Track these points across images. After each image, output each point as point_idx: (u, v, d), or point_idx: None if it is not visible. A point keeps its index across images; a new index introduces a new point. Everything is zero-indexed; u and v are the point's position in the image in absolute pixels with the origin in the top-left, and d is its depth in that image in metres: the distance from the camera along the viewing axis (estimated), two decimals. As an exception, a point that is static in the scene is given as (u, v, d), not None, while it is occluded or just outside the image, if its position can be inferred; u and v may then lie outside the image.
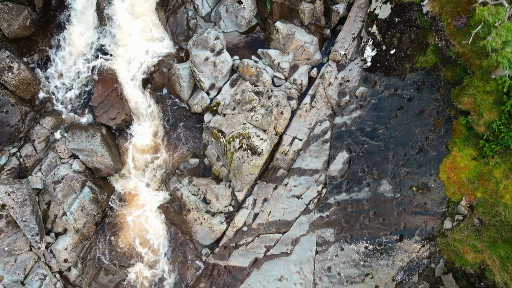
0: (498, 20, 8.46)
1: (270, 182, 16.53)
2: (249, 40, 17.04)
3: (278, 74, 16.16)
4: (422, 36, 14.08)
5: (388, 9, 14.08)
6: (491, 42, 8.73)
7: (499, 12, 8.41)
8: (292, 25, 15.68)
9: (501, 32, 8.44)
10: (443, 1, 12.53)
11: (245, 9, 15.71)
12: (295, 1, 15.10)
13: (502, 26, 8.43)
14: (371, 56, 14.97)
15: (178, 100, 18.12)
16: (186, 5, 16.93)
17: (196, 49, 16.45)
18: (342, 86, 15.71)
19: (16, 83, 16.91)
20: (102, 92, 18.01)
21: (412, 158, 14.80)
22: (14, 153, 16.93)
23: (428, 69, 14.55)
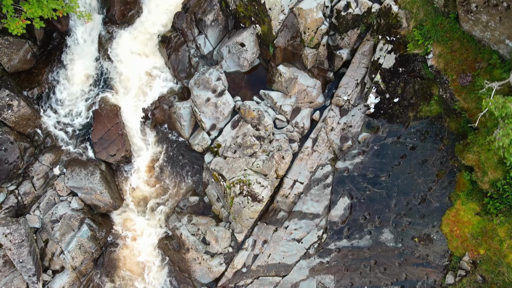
0: (504, 113, 8.29)
1: (270, 224, 16.35)
2: (251, 79, 16.87)
3: (280, 117, 15.99)
4: (426, 87, 13.91)
5: (392, 59, 13.91)
6: (499, 141, 8.57)
7: (506, 106, 8.23)
8: (295, 68, 15.52)
9: (509, 131, 8.26)
10: (448, 58, 12.36)
11: (247, 51, 15.54)
12: (298, 46, 14.93)
13: (509, 122, 8.24)
14: (374, 103, 14.80)
15: (178, 136, 17.98)
16: (188, 43, 16.77)
17: (198, 89, 16.29)
18: (344, 131, 15.53)
19: (15, 119, 16.78)
20: (102, 128, 17.86)
21: (414, 208, 14.62)
22: (12, 191, 16.76)
23: (432, 119, 14.38)
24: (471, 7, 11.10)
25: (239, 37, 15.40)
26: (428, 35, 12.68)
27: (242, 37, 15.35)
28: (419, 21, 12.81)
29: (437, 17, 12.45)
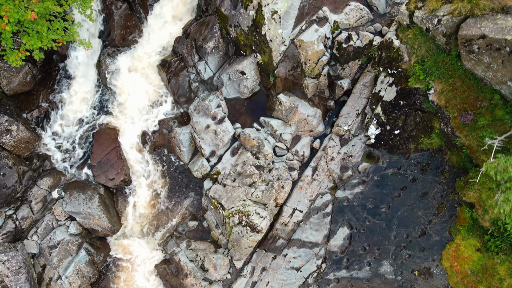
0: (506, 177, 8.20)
1: (269, 251, 16.25)
2: (251, 105, 16.77)
3: (280, 144, 15.90)
4: (427, 120, 13.81)
5: (394, 92, 13.82)
6: (499, 207, 8.48)
7: (507, 171, 8.13)
8: (295, 97, 15.43)
9: (510, 197, 8.17)
10: (449, 95, 12.26)
11: (248, 79, 15.46)
12: (299, 76, 14.85)
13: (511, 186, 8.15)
14: (375, 134, 14.70)
15: (178, 160, 17.90)
16: (188, 68, 16.69)
17: (197, 115, 16.21)
18: (344, 161, 15.44)
19: (14, 143, 16.68)
20: (101, 151, 17.80)
21: (414, 240, 14.51)
22: (10, 215, 16.68)
23: (433, 151, 14.28)
24: (473, 48, 11.00)
25: (240, 65, 15.32)
26: (429, 71, 12.58)
27: (242, 66, 15.26)
28: (420, 57, 12.71)
29: (439, 54, 12.35)
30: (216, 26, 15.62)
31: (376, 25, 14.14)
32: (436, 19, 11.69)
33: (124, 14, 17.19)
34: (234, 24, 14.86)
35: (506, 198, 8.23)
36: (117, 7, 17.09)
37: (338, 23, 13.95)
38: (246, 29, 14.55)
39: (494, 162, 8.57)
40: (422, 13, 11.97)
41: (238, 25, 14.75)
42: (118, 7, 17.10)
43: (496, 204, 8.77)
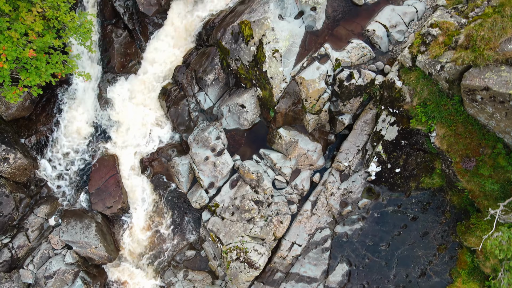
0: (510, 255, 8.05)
1: (267, 284, 16.06)
2: (251, 136, 16.60)
3: (279, 178, 15.73)
4: (428, 160, 13.65)
5: (395, 131, 13.65)
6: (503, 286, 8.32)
7: (510, 250, 7.97)
8: (296, 132, 15.27)
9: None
10: (451, 140, 12.10)
11: (248, 112, 15.30)
12: (300, 112, 14.69)
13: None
14: (376, 171, 14.54)
15: (177, 187, 17.74)
16: (188, 98, 16.54)
17: (197, 146, 16.07)
18: (344, 196, 15.27)
19: (12, 170, 16.55)
20: (99, 178, 17.65)
21: (414, 281, 14.34)
22: (6, 244, 16.53)
23: (434, 190, 14.12)
24: (476, 97, 10.84)
25: (240, 98, 15.17)
26: (431, 115, 12.42)
27: (242, 99, 15.12)
28: (422, 99, 12.55)
29: (441, 98, 12.19)
30: (217, 58, 15.47)
31: (378, 64, 13.98)
32: (439, 65, 11.53)
33: (124, 42, 17.05)
34: (235, 58, 14.71)
35: (510, 280, 8.05)
36: (117, 35, 16.95)
37: (340, 61, 13.80)
38: (246, 63, 14.41)
39: (497, 239, 8.39)
40: (425, 58, 11.80)
41: (239, 59, 14.61)
42: (118, 35, 16.97)
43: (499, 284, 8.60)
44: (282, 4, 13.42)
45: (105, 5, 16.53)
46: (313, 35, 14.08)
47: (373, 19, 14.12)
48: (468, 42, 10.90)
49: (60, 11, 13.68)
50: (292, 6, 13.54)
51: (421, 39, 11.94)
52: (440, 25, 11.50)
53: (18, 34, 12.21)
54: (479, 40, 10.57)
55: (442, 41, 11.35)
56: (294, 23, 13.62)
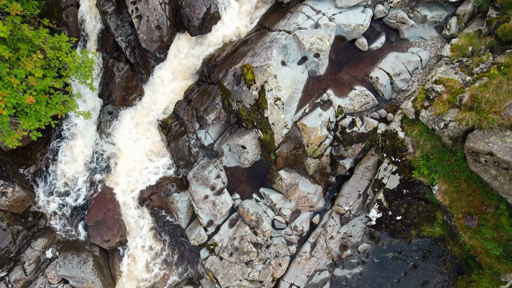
0: None
1: (265, 324, 15.90)
2: (251, 173, 16.46)
3: (279, 218, 15.60)
4: (430, 210, 13.50)
5: (397, 180, 13.50)
6: None
7: None
8: (296, 174, 15.13)
9: None
10: (454, 196, 11.95)
11: (248, 153, 15.17)
12: (301, 156, 14.55)
13: None
14: (376, 217, 14.39)
15: (175, 221, 17.61)
16: (188, 134, 16.41)
17: (196, 184, 15.93)
18: (344, 240, 15.12)
19: (9, 203, 16.41)
20: (97, 211, 17.53)
21: (413, 330, 14.18)
22: (3, 278, 16.39)
23: (435, 239, 13.97)
24: (480, 159, 10.70)
25: (241, 139, 15.03)
26: (434, 169, 12.28)
27: (243, 140, 14.98)
28: (425, 152, 12.41)
29: (445, 153, 12.05)
30: (218, 98, 15.35)
31: (381, 111, 13.85)
32: (442, 123, 11.39)
33: (126, 76, 16.92)
34: (237, 100, 14.59)
35: None
36: (119, 68, 16.83)
37: (342, 108, 13.67)
38: (248, 106, 14.28)
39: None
40: (428, 113, 11.66)
41: (241, 101, 14.48)
42: (120, 69, 16.84)
43: None
44: (285, 51, 13.29)
45: (107, 40, 16.41)
46: (316, 80, 13.95)
47: (377, 65, 13.99)
48: (472, 103, 10.76)
49: (62, 51, 13.59)
50: (295, 52, 13.41)
51: (425, 94, 11.81)
52: (444, 82, 11.36)
53: (18, 80, 12.11)
54: (484, 102, 10.43)
55: (446, 98, 11.22)
56: (297, 69, 13.49)
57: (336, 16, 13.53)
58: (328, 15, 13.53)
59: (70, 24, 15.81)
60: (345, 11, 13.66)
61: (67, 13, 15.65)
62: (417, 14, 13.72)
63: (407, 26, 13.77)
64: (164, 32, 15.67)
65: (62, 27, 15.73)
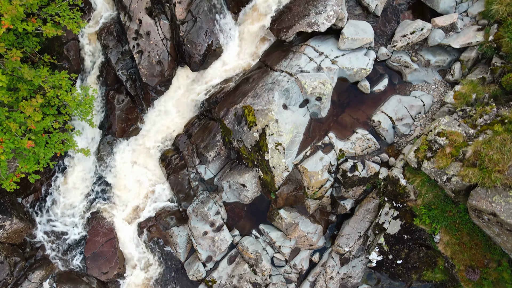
0: None
1: None
2: (251, 208, 16.33)
3: (278, 256, 15.47)
4: (431, 256, 13.36)
5: (398, 225, 13.37)
6: None
7: None
8: (297, 213, 15.00)
9: None
10: (455, 248, 11.82)
11: (248, 191, 15.04)
12: (301, 197, 14.43)
13: None
14: (377, 260, 14.25)
15: (174, 252, 17.48)
16: (188, 168, 16.30)
17: (196, 219, 15.83)
18: (344, 281, 14.99)
19: (7, 235, 16.28)
20: (96, 242, 17.41)
21: None
22: (0, 310, 16.28)
23: (436, 284, 13.83)
24: (483, 217, 10.57)
25: (241, 178, 14.90)
26: (436, 219, 12.14)
27: (244, 179, 14.85)
28: (427, 202, 12.28)
29: (447, 204, 11.92)
30: (219, 135, 15.24)
31: (382, 155, 13.72)
32: (445, 176, 11.26)
33: (126, 108, 16.80)
34: (237, 139, 14.47)
35: None
36: (119, 101, 16.71)
37: (343, 152, 13.54)
38: (249, 146, 14.16)
39: None
40: (431, 165, 11.53)
41: (241, 141, 14.36)
42: (120, 101, 16.73)
43: None
44: (287, 94, 13.18)
45: (108, 73, 16.30)
46: (317, 122, 13.83)
47: (379, 108, 13.86)
48: (475, 159, 10.64)
49: (62, 89, 13.50)
50: (297, 95, 13.29)
51: (427, 145, 11.68)
52: (447, 135, 11.23)
53: (17, 124, 12.01)
54: (487, 160, 10.30)
55: (449, 152, 11.09)
56: (299, 112, 13.37)
57: (338, 58, 13.41)
58: (331, 58, 13.41)
59: (71, 58, 15.70)
60: (348, 53, 13.54)
61: (68, 47, 15.54)
62: (420, 58, 13.59)
63: (410, 70, 13.64)
64: (165, 67, 15.56)
65: (63, 61, 15.62)
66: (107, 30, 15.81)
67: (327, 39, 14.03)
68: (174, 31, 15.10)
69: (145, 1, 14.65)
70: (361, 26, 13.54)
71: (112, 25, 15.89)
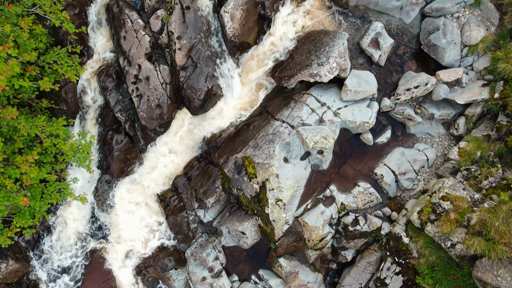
0: None
1: None
2: (251, 252, 16.09)
3: (277, 303, 15.23)
4: (434, 313, 13.10)
5: (400, 281, 13.12)
6: None
7: None
8: (297, 262, 14.75)
9: None
10: (459, 313, 11.56)
11: (248, 238, 14.79)
12: (301, 247, 14.19)
13: None
14: (378, 312, 14.00)
15: (172, 292, 17.23)
16: (187, 210, 16.06)
17: (194, 263, 15.60)
18: (344, 331, 14.73)
19: (3, 276, 16.03)
20: (92, 282, 17.18)
21: None
22: None
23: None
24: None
25: (241, 225, 14.65)
26: (439, 281, 11.89)
27: (243, 227, 14.60)
28: (430, 262, 12.03)
29: (451, 266, 11.67)
30: (218, 181, 15.00)
31: (385, 210, 13.48)
32: (449, 242, 11.02)
33: (125, 148, 16.56)
34: (237, 187, 14.23)
35: None
36: (118, 141, 16.47)
37: (345, 205, 13.30)
38: (249, 196, 13.92)
39: None
40: (434, 229, 11.28)
41: (241, 190, 14.12)
42: (119, 142, 16.48)
43: None
44: (288, 148, 12.94)
45: (107, 115, 16.07)
46: (319, 173, 13.59)
47: (382, 160, 13.62)
48: (481, 228, 10.40)
49: (59, 137, 13.28)
50: (298, 148, 13.05)
51: (431, 207, 11.44)
52: (452, 200, 10.99)
53: (11, 181, 11.78)
54: (493, 231, 10.06)
55: (453, 218, 10.85)
56: (300, 165, 13.13)
57: (341, 110, 13.17)
58: (333, 109, 13.17)
59: (69, 100, 15.44)
60: (351, 105, 13.30)
61: (66, 89, 15.28)
62: (424, 111, 13.35)
63: (414, 122, 13.41)
64: (164, 111, 15.32)
65: (61, 103, 15.36)
66: (106, 72, 15.57)
67: (329, 87, 13.79)
68: (174, 75, 14.87)
69: (145, 47, 14.41)
70: (364, 77, 13.30)
71: (111, 67, 15.66)
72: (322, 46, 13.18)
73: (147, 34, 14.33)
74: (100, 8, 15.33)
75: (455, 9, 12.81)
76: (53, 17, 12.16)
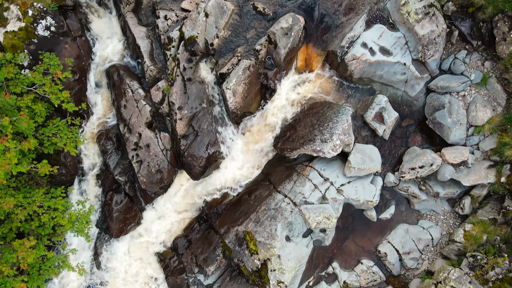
0: None
1: None
2: (251, 310, 15.87)
3: None
4: None
5: None
6: None
7: None
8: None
9: None
10: None
11: (249, 306, 14.56)
12: (303, 321, 13.94)
13: None
14: None
15: None
16: (187, 273, 15.82)
17: (194, 330, 15.35)
18: None
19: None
20: None
21: None
22: None
23: None
24: None
25: (241, 295, 14.45)
26: None
27: (244, 298, 14.40)
28: None
29: None
30: (219, 249, 14.76)
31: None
32: (455, 338, 10.78)
33: (124, 209, 16.36)
34: (238, 259, 14.00)
35: None
36: (117, 202, 16.27)
37: (348, 284, 13.07)
38: (250, 269, 13.69)
39: None
40: (439, 322, 11.06)
41: (242, 262, 13.89)
42: (119, 202, 16.29)
43: None
44: (290, 226, 12.72)
45: (106, 177, 15.89)
46: (321, 249, 13.37)
47: (385, 237, 13.39)
48: (487, 329, 10.15)
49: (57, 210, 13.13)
50: (300, 226, 12.83)
51: (436, 299, 11.21)
52: (458, 294, 10.77)
53: (8, 265, 11.60)
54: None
55: (459, 314, 10.60)
56: (302, 243, 12.90)
57: (344, 187, 12.95)
58: (336, 186, 12.95)
59: (68, 164, 15.26)
60: (354, 181, 13.08)
61: (66, 154, 15.11)
62: (429, 189, 13.13)
63: (419, 200, 13.19)
64: (164, 175, 15.12)
65: (60, 167, 15.15)
66: (106, 135, 15.40)
67: (333, 160, 13.58)
68: (175, 141, 14.67)
69: (146, 116, 14.22)
70: (368, 152, 13.08)
71: (111, 130, 15.48)
72: (325, 121, 12.98)
73: (148, 104, 14.14)
74: (100, 74, 15.16)
75: (461, 88, 12.59)
76: (53, 97, 12.00)
